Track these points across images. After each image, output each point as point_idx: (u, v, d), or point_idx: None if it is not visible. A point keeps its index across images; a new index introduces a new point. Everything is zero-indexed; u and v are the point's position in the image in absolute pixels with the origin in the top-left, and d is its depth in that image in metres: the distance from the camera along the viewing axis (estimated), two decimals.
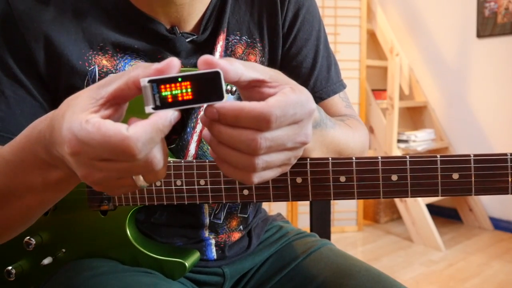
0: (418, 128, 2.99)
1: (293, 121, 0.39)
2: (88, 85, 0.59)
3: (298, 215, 2.52)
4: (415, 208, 2.45)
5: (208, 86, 0.36)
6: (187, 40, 0.63)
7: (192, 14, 0.63)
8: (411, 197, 0.53)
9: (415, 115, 3.07)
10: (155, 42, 0.62)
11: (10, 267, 0.65)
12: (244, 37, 0.66)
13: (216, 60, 0.36)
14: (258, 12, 0.66)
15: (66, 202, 0.64)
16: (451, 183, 0.52)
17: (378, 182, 0.53)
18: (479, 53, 2.66)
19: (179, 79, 0.35)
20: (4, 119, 0.57)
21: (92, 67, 0.60)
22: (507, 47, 2.54)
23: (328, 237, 0.97)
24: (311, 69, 0.70)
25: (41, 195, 0.47)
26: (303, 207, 2.51)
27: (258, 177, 0.40)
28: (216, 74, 0.36)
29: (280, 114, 0.37)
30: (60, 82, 0.59)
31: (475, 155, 0.51)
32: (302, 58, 0.69)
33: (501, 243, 2.46)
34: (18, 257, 0.65)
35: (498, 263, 2.19)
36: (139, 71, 0.36)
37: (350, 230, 2.67)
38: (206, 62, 0.36)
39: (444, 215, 2.91)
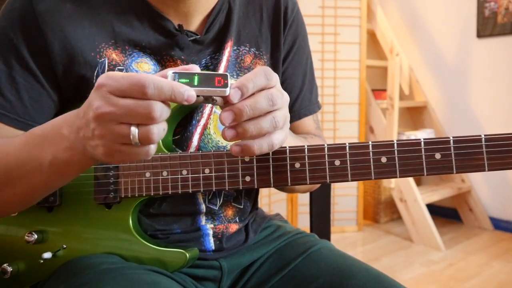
0: (418, 128, 2.99)
1: (276, 81, 0.53)
2: (98, 76, 0.65)
3: (298, 215, 2.53)
4: (415, 208, 2.46)
5: (214, 82, 0.48)
6: (189, 39, 0.69)
7: (198, 10, 0.70)
8: (399, 177, 0.59)
9: (415, 115, 3.07)
10: (162, 37, 0.68)
11: (6, 265, 0.65)
12: (252, 49, 0.75)
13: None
14: (264, 31, 0.76)
15: (72, 196, 0.66)
16: (434, 162, 0.58)
17: (369, 164, 0.59)
18: (479, 53, 2.66)
19: (195, 74, 0.48)
20: (12, 102, 0.64)
21: (103, 59, 0.66)
22: (507, 47, 2.54)
23: (328, 237, 0.97)
24: (301, 88, 0.82)
25: (46, 175, 0.55)
26: (303, 207, 2.51)
27: (276, 139, 0.53)
28: (224, 75, 0.49)
29: (268, 70, 0.52)
30: (72, 73, 0.65)
31: (454, 137, 0.58)
32: (295, 77, 0.81)
33: (501, 243, 2.46)
34: (16, 253, 0.66)
35: (498, 263, 2.19)
36: (168, 70, 0.49)
37: (350, 230, 2.67)
38: None
39: (444, 215, 2.91)
